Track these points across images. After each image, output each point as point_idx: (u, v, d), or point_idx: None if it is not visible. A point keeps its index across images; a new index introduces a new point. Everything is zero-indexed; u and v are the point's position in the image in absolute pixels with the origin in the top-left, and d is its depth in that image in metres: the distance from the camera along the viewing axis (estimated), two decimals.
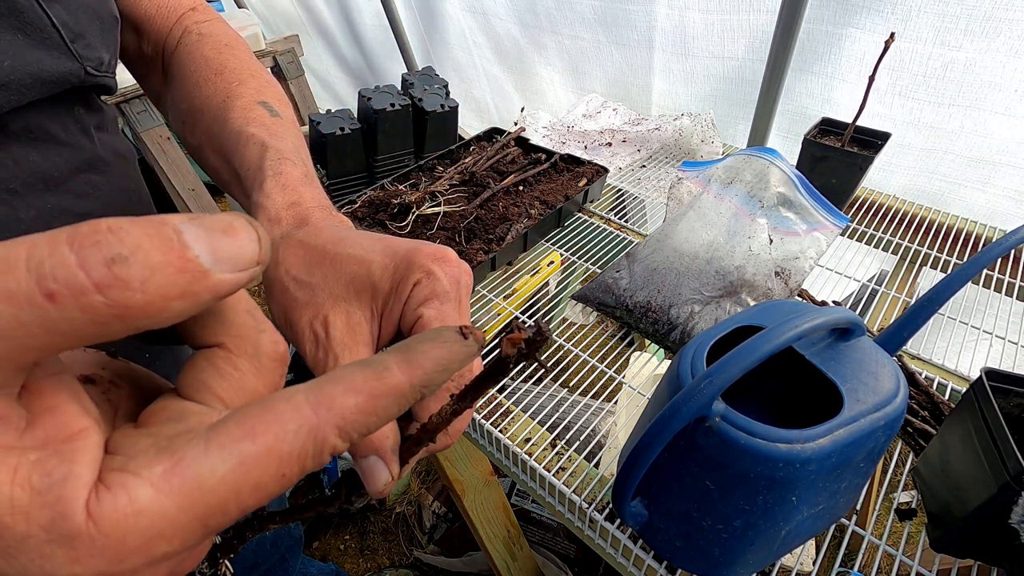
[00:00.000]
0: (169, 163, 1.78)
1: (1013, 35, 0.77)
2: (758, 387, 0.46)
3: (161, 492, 0.13)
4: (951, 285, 0.40)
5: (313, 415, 0.14)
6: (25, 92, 0.32)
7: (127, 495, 0.13)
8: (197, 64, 0.46)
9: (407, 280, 0.27)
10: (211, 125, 0.42)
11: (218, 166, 0.42)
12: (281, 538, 0.86)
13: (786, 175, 0.74)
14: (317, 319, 0.27)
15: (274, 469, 0.14)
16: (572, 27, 1.28)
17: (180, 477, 0.13)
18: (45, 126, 0.34)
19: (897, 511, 0.51)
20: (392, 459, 0.22)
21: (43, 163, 0.34)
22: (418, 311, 0.26)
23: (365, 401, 0.14)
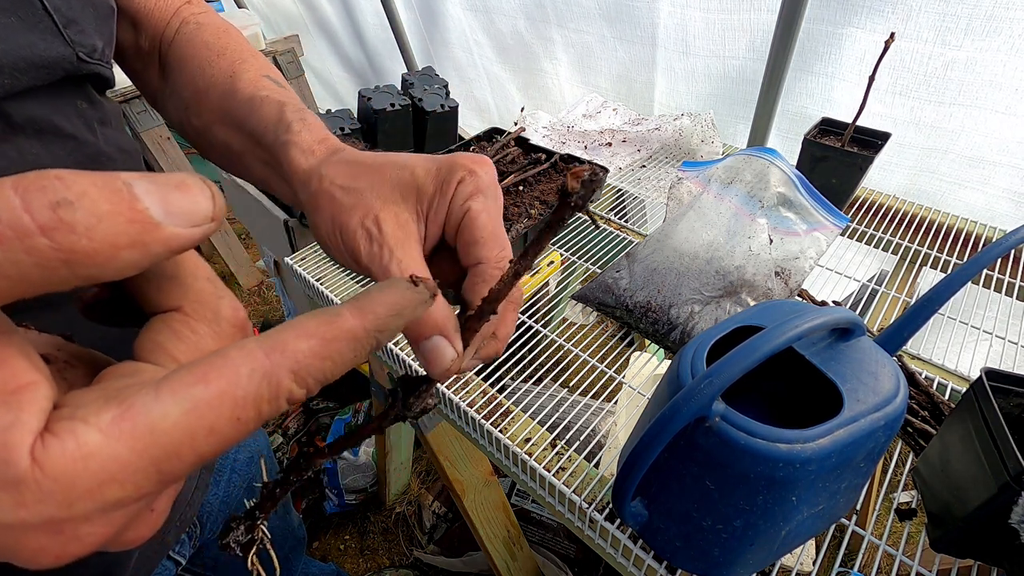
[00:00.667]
0: (169, 163, 1.78)
1: (1014, 34, 0.77)
2: (758, 387, 0.46)
3: (111, 437, 0.13)
4: (951, 285, 0.40)
5: (266, 359, 0.14)
6: (19, 76, 0.31)
7: (75, 440, 0.13)
8: (198, 49, 0.47)
9: (451, 180, 0.29)
10: (219, 101, 0.43)
11: (228, 139, 0.43)
12: (285, 538, 0.86)
13: (786, 175, 0.74)
14: (368, 218, 0.29)
15: (228, 412, 0.14)
16: (578, 22, 1.28)
17: (131, 422, 0.13)
18: (49, 119, 0.34)
19: (897, 511, 0.51)
20: (455, 336, 0.23)
21: (47, 156, 0.34)
22: (465, 205, 0.28)
23: (318, 345, 0.14)
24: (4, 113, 0.31)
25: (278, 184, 0.40)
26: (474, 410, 0.59)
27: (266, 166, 0.39)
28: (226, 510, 0.68)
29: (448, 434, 0.93)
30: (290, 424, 1.52)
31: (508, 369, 0.66)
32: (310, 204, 0.32)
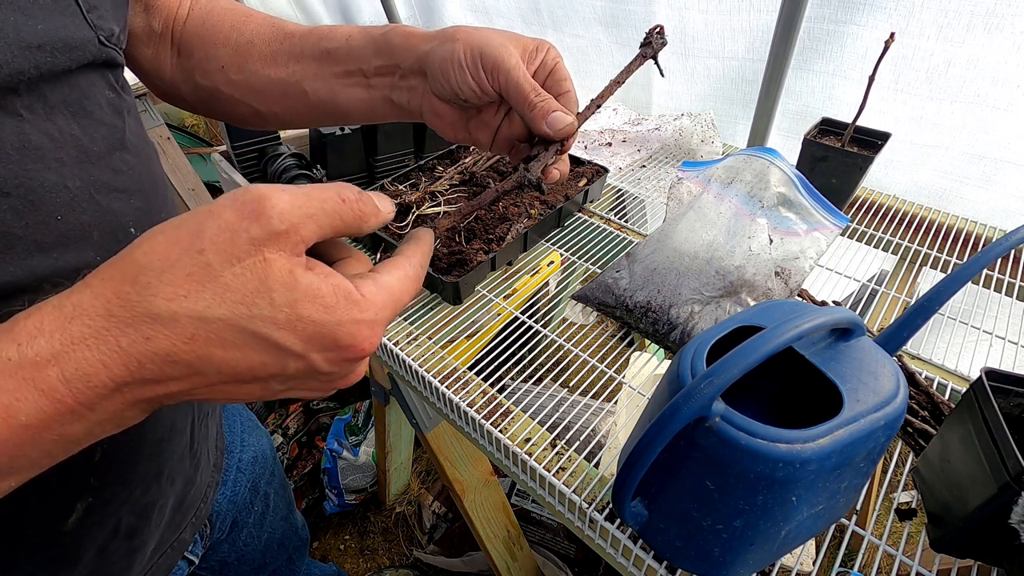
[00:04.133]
0: (169, 163, 1.78)
1: (1016, 30, 0.77)
2: (758, 387, 0.46)
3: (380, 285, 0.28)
4: (951, 285, 0.40)
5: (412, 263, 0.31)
6: (57, 55, 0.34)
7: (373, 283, 0.28)
8: (222, 16, 0.53)
9: (544, 46, 0.45)
10: (269, 45, 0.51)
11: (284, 74, 0.51)
12: (288, 539, 0.86)
13: (786, 175, 0.74)
14: (503, 44, 0.43)
15: (411, 278, 0.30)
16: (574, 26, 1.28)
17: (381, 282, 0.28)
18: (81, 102, 0.36)
19: (897, 511, 0.51)
20: (569, 110, 0.43)
21: (83, 137, 0.36)
22: (554, 61, 0.45)
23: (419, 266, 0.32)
24: (41, 92, 0.33)
25: (352, 83, 0.50)
26: (474, 410, 0.59)
27: (340, 74, 0.50)
28: (233, 510, 0.69)
29: (448, 434, 0.93)
30: (290, 424, 1.52)
31: (508, 369, 0.66)
32: (445, 45, 0.44)
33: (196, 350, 0.23)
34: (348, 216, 0.27)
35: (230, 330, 0.23)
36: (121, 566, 0.45)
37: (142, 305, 0.22)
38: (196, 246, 0.23)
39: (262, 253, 0.23)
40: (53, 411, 0.22)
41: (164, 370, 0.23)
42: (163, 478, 0.47)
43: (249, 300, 0.23)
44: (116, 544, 0.44)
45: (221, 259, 0.23)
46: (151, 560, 0.50)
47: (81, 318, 0.22)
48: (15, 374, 0.22)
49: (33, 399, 0.22)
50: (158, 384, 0.24)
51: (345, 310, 0.25)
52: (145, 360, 0.23)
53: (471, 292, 0.73)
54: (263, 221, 0.23)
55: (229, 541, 0.70)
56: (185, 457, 0.51)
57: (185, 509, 0.54)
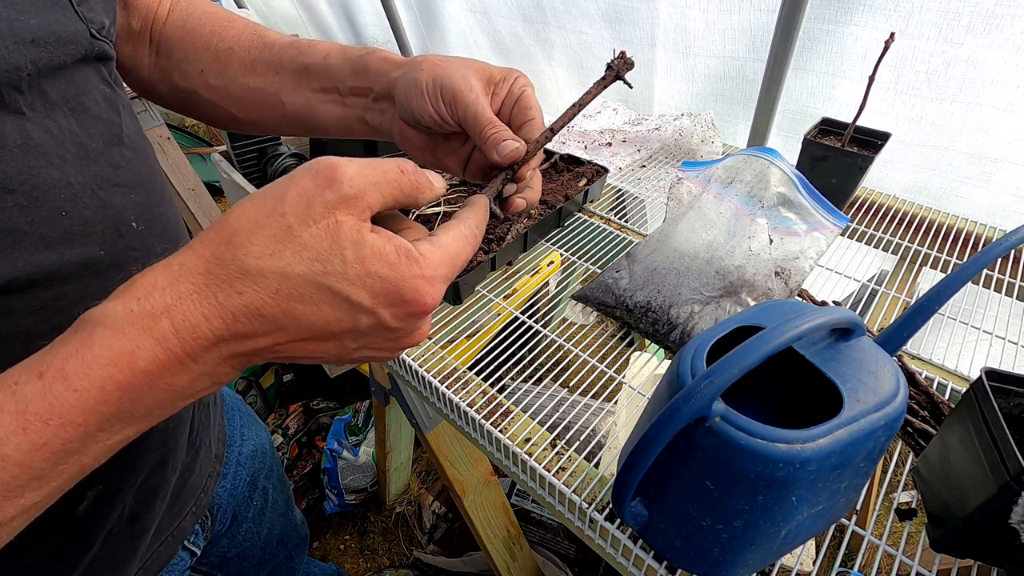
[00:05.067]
0: (169, 163, 1.78)
1: (1015, 31, 0.77)
2: (758, 387, 0.46)
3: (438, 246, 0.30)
4: (951, 285, 0.40)
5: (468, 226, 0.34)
6: (51, 49, 0.34)
7: (430, 245, 0.30)
8: (203, 20, 0.53)
9: (512, 75, 0.46)
10: (248, 54, 0.52)
11: (262, 84, 0.52)
12: (288, 535, 0.86)
13: (786, 175, 0.74)
14: (464, 77, 0.43)
15: (467, 238, 0.33)
16: (576, 23, 1.28)
17: (439, 243, 0.30)
18: (79, 98, 0.37)
19: (897, 511, 0.51)
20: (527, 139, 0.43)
21: (82, 133, 0.37)
22: (521, 89, 0.45)
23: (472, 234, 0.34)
24: (42, 89, 0.34)
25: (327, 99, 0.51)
26: (474, 410, 0.59)
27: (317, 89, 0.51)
28: (233, 502, 0.69)
29: (448, 434, 0.93)
30: (290, 424, 1.52)
31: (508, 369, 0.66)
32: (411, 72, 0.45)
33: (280, 304, 0.26)
34: (407, 186, 0.30)
35: (308, 285, 0.26)
36: (125, 550, 0.47)
37: (235, 263, 0.26)
38: (279, 210, 0.26)
39: (335, 215, 0.26)
40: (165, 359, 0.25)
41: (254, 324, 0.26)
42: (168, 466, 0.49)
43: (324, 257, 0.26)
44: (120, 528, 0.45)
45: (300, 221, 0.26)
46: (152, 546, 0.51)
47: (186, 276, 0.26)
48: (136, 324, 0.25)
49: (150, 347, 0.25)
50: (248, 339, 0.27)
51: (407, 267, 0.28)
52: (239, 314, 0.26)
53: (471, 292, 0.73)
54: (335, 187, 0.27)
55: (229, 535, 0.70)
56: (184, 445, 0.52)
57: (185, 496, 0.54)
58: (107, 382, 0.24)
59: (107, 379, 0.24)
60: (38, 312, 0.33)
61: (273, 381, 1.66)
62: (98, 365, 0.24)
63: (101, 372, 0.24)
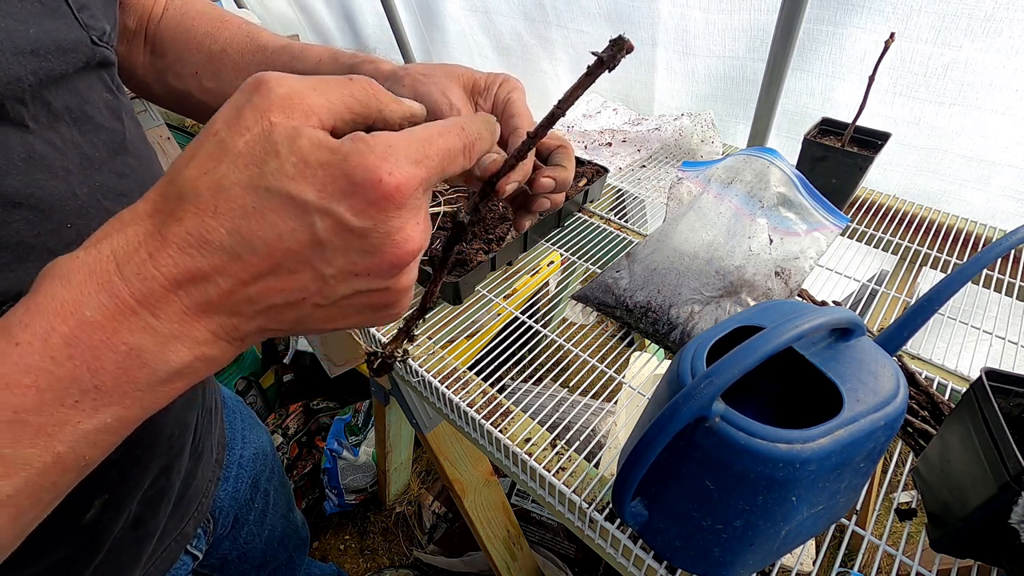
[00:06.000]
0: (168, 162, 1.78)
1: (1014, 34, 0.77)
2: (758, 387, 0.46)
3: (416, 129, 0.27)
4: (951, 285, 0.40)
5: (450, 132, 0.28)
6: (51, 59, 0.34)
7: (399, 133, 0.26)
8: (197, 20, 0.52)
9: (497, 80, 0.44)
10: (241, 56, 0.51)
11: None
12: (289, 537, 0.87)
13: (786, 175, 0.74)
14: (443, 90, 0.42)
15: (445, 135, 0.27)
16: (578, 22, 1.28)
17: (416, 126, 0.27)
18: (82, 108, 0.36)
19: (897, 511, 0.51)
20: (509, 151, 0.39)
21: (85, 144, 0.36)
22: (507, 95, 0.43)
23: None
24: (45, 100, 0.33)
25: None
26: (474, 410, 0.59)
27: None
28: (235, 505, 0.69)
29: (448, 434, 0.93)
30: (290, 424, 1.52)
31: (508, 369, 0.66)
32: (393, 89, 0.43)
33: (223, 224, 0.23)
34: (359, 93, 0.26)
35: (248, 193, 0.23)
36: (130, 555, 0.47)
37: (173, 191, 0.24)
38: (212, 130, 0.24)
39: (268, 119, 0.24)
40: (113, 307, 0.23)
41: (204, 256, 0.23)
42: (172, 472, 0.49)
43: (259, 160, 0.23)
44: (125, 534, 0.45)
45: (232, 133, 0.24)
46: (156, 551, 0.51)
47: (135, 220, 0.24)
48: (82, 270, 0.23)
49: (94, 292, 0.23)
50: (206, 281, 0.24)
51: (351, 146, 0.24)
52: (183, 243, 0.23)
53: (471, 292, 0.73)
54: (263, 89, 0.24)
55: (230, 538, 0.70)
56: (188, 451, 0.52)
57: (187, 502, 0.54)
58: (51, 333, 0.22)
59: (50, 330, 0.22)
60: None
61: (273, 381, 1.66)
62: (41, 314, 0.22)
63: (44, 322, 0.22)
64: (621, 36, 0.27)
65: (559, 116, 0.32)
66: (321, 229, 0.24)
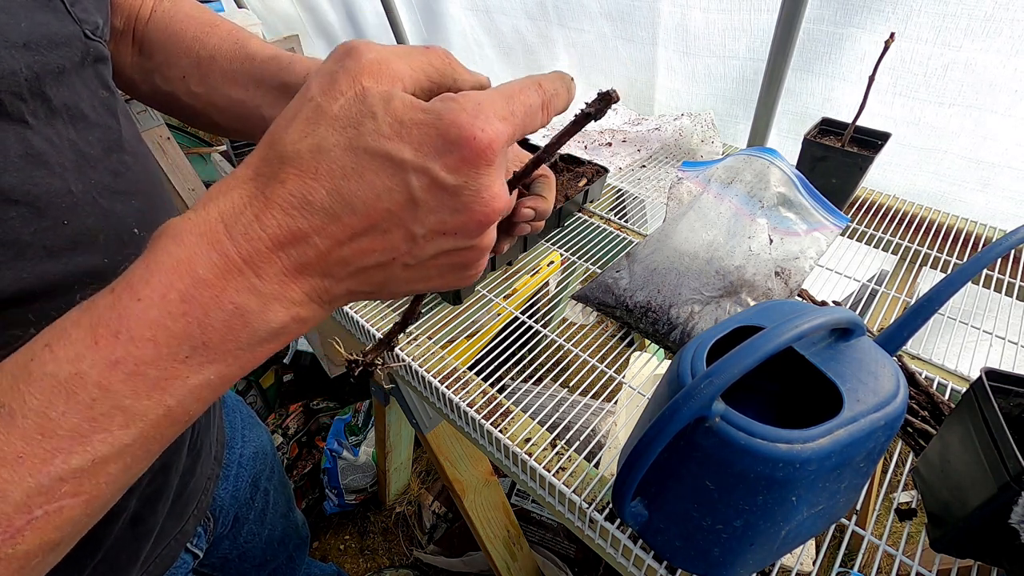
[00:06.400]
0: (169, 163, 1.78)
1: (1013, 35, 0.77)
2: (758, 387, 0.46)
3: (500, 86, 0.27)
4: (951, 285, 0.40)
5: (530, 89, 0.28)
6: (45, 53, 0.34)
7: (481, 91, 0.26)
8: (186, 24, 0.52)
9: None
10: (229, 64, 0.50)
11: (243, 96, 0.51)
12: (289, 536, 0.87)
13: (786, 175, 0.74)
14: None
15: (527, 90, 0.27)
16: (579, 21, 1.28)
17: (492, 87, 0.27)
18: (77, 106, 0.36)
19: (897, 511, 0.51)
20: None
21: (80, 141, 0.36)
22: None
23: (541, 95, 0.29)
24: (45, 96, 0.33)
25: None
26: (474, 410, 0.59)
27: None
28: (235, 504, 0.69)
29: (448, 434, 0.93)
30: (290, 424, 1.52)
31: (508, 369, 0.66)
32: None
33: (323, 184, 0.24)
34: (437, 62, 0.27)
35: (347, 154, 0.24)
36: (128, 554, 0.46)
37: (275, 156, 0.25)
38: (307, 95, 0.25)
39: (360, 83, 0.25)
40: (223, 265, 0.24)
41: (305, 217, 0.24)
42: (171, 470, 0.49)
43: (356, 122, 0.24)
44: (123, 532, 0.45)
45: (327, 98, 0.25)
46: (155, 550, 0.51)
47: (238, 184, 0.25)
48: (193, 231, 0.24)
49: (206, 251, 0.24)
50: (306, 240, 0.24)
51: (443, 105, 0.25)
52: (286, 204, 0.24)
53: (471, 292, 0.73)
54: (354, 55, 0.25)
55: (230, 537, 0.70)
56: (186, 448, 0.52)
57: (186, 500, 0.54)
58: (168, 290, 0.23)
59: (168, 287, 0.23)
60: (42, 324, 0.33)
61: (273, 381, 1.66)
62: (159, 272, 0.23)
63: (162, 279, 0.23)
64: (609, 91, 0.29)
65: (545, 161, 0.32)
66: (417, 187, 0.25)
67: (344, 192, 0.24)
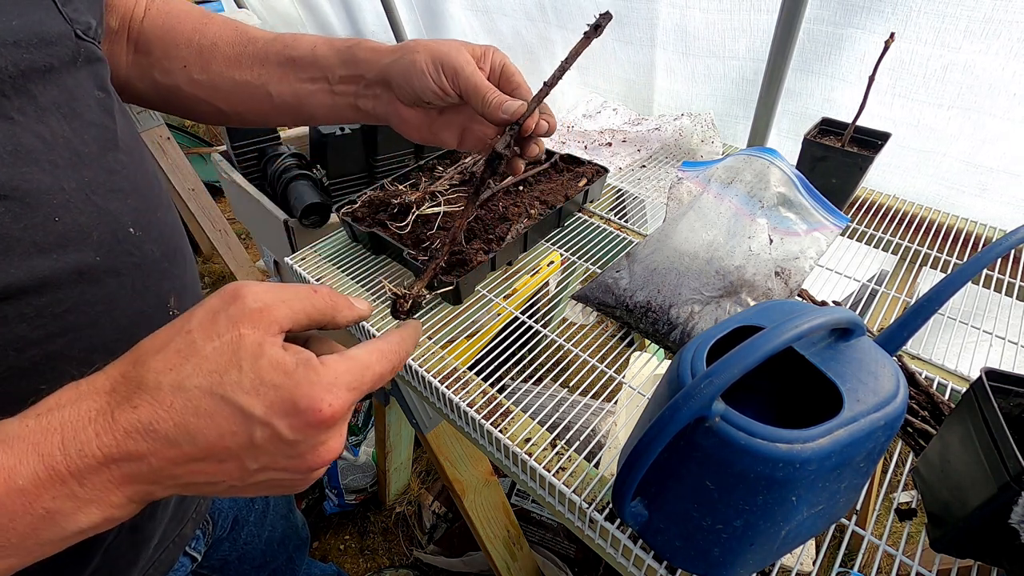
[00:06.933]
0: (169, 163, 1.78)
1: (1012, 37, 0.77)
2: (758, 387, 0.46)
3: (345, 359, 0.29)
4: (951, 285, 0.40)
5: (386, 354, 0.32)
6: (33, 51, 0.34)
7: (344, 353, 0.30)
8: (182, 18, 0.54)
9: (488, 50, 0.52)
10: (232, 49, 0.53)
11: (248, 77, 0.54)
12: (289, 537, 0.86)
13: (786, 175, 0.74)
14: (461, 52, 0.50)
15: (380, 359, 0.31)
16: (577, 22, 1.28)
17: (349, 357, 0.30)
18: (71, 104, 0.37)
19: (897, 511, 0.51)
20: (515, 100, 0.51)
21: (75, 139, 0.36)
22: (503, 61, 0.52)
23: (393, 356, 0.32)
24: (31, 94, 0.34)
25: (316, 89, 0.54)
26: (474, 410, 0.59)
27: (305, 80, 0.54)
28: (234, 507, 0.69)
29: (448, 434, 0.93)
30: None
31: (508, 369, 0.66)
32: (407, 56, 0.50)
33: (173, 417, 0.26)
34: (320, 304, 0.30)
35: (204, 397, 0.26)
36: (127, 559, 0.46)
37: (135, 379, 0.26)
38: (186, 328, 0.27)
39: (238, 329, 0.27)
40: (46, 477, 0.24)
41: (146, 442, 0.26)
42: None
43: (222, 369, 0.26)
44: (121, 539, 0.45)
45: (204, 335, 0.27)
46: (154, 555, 0.50)
47: (91, 395, 0.26)
48: (26, 439, 0.25)
49: (32, 463, 0.24)
50: (140, 460, 0.26)
51: (304, 374, 0.27)
52: (131, 430, 0.25)
53: (471, 292, 0.73)
54: (239, 302, 0.27)
55: (230, 539, 0.70)
56: None
57: (186, 504, 0.54)
58: None
59: None
60: (32, 319, 0.33)
61: None
62: None
63: None
64: (606, 12, 0.42)
65: (566, 70, 0.49)
66: (259, 437, 0.27)
67: (191, 427, 0.26)
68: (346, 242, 0.83)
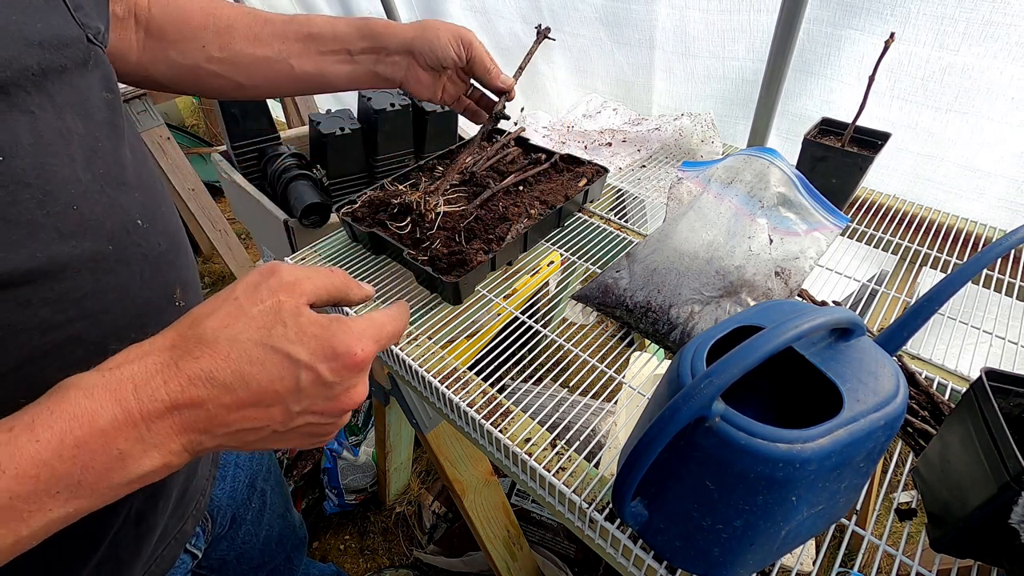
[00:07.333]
0: (169, 163, 1.78)
1: (1010, 40, 0.77)
2: (758, 387, 0.46)
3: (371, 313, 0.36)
4: (951, 285, 0.40)
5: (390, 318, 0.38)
6: (54, 52, 0.36)
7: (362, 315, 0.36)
8: (191, 3, 0.57)
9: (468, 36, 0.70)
10: (249, 28, 0.59)
11: (267, 52, 0.60)
12: (286, 537, 0.87)
13: (786, 175, 0.74)
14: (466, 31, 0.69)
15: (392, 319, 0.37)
16: (574, 26, 1.28)
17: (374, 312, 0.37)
18: (84, 104, 0.39)
19: (897, 511, 0.51)
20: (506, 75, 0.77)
21: (87, 135, 0.38)
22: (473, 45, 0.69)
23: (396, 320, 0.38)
24: (48, 92, 0.36)
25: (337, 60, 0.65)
26: (474, 410, 0.59)
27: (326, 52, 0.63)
28: (232, 504, 0.69)
29: (448, 434, 0.93)
30: None
31: (508, 369, 0.66)
32: (429, 32, 0.66)
33: (231, 366, 0.30)
34: (337, 282, 0.36)
35: (256, 347, 0.31)
36: (131, 551, 0.47)
37: (194, 336, 0.31)
38: (232, 295, 0.33)
39: (277, 296, 0.32)
40: (123, 419, 0.28)
41: (207, 388, 0.30)
42: None
43: (269, 324, 0.31)
44: (127, 529, 0.45)
45: (249, 301, 0.32)
46: (156, 550, 0.51)
47: (156, 351, 0.31)
48: (104, 387, 0.28)
49: (111, 407, 0.28)
50: (200, 407, 0.30)
51: (338, 326, 0.33)
52: (194, 377, 0.29)
53: (471, 292, 0.73)
54: (276, 275, 0.33)
55: (228, 538, 0.70)
56: None
57: (187, 500, 0.55)
58: (67, 435, 0.27)
59: (67, 432, 0.27)
60: (54, 303, 0.35)
61: None
62: (63, 419, 0.27)
63: (63, 425, 0.27)
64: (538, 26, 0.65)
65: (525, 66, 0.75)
66: (304, 379, 0.31)
67: (245, 374, 0.30)
68: (346, 242, 0.83)
